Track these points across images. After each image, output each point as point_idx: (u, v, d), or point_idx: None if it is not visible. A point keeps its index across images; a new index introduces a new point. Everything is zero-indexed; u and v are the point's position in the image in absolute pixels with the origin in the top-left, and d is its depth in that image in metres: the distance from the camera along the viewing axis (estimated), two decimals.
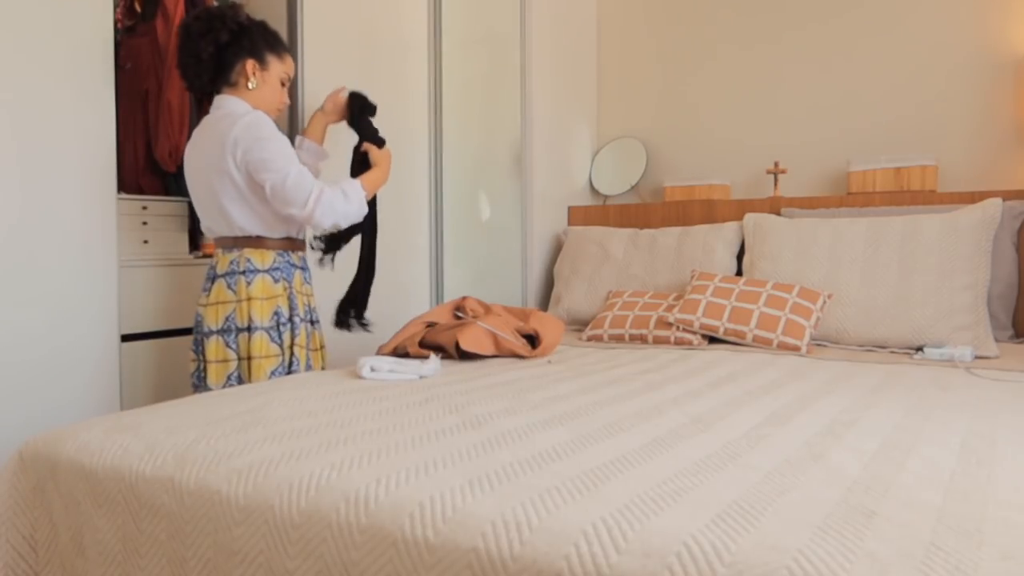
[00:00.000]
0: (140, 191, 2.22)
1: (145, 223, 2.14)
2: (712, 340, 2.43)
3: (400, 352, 2.06)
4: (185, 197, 2.25)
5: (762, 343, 2.28)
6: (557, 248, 3.28)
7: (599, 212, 3.29)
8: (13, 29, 1.74)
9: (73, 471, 1.21)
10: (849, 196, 2.77)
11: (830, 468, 1.05)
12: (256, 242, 1.93)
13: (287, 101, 2.05)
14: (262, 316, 1.90)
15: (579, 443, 1.18)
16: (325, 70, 2.44)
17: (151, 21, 2.23)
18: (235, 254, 1.93)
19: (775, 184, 3.01)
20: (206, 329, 1.90)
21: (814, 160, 3.11)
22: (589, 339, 2.54)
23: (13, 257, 1.75)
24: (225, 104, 1.92)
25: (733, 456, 1.11)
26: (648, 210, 3.17)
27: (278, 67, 1.99)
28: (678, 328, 2.39)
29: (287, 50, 2.04)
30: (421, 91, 2.89)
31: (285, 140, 1.88)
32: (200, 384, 1.94)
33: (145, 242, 2.14)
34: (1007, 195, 2.56)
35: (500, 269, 3.27)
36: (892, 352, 2.28)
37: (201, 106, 2.32)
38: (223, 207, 1.89)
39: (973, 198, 2.60)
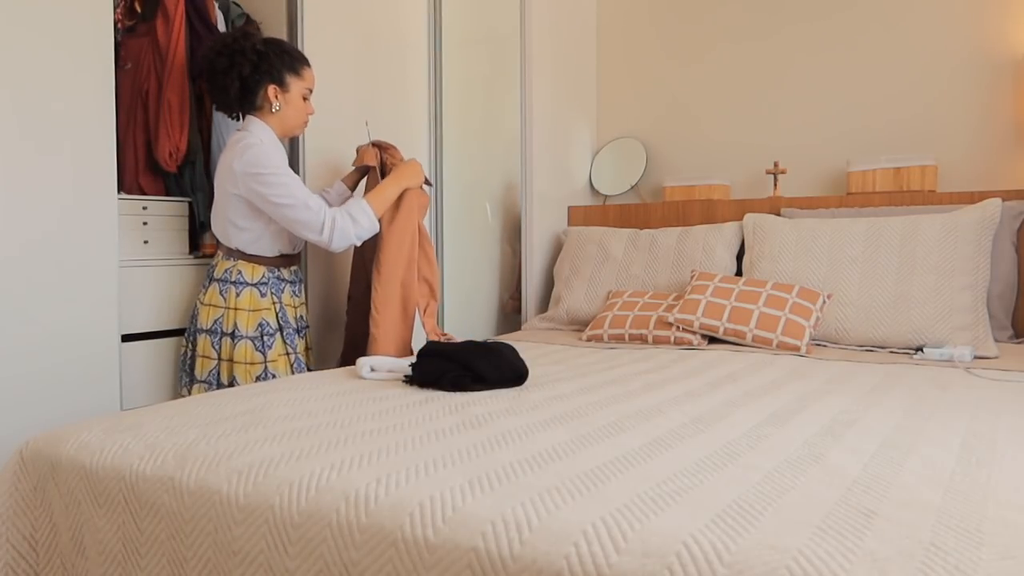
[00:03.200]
0: (140, 191, 2.22)
1: (145, 223, 2.14)
2: (712, 340, 2.43)
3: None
4: (185, 197, 2.25)
5: (762, 343, 2.28)
6: (557, 248, 3.28)
7: (599, 212, 3.29)
8: (13, 29, 1.74)
9: (73, 471, 1.21)
10: (849, 196, 2.77)
11: (830, 468, 1.05)
12: (249, 257, 2.08)
13: (312, 111, 2.19)
14: (247, 326, 2.05)
15: (579, 443, 1.18)
16: (325, 70, 2.44)
17: (151, 21, 2.23)
18: (230, 263, 2.07)
19: (775, 184, 3.01)
20: (199, 325, 2.06)
21: (814, 160, 3.11)
22: (589, 339, 2.55)
23: (13, 257, 1.75)
24: (250, 126, 2.08)
25: (733, 456, 1.11)
26: (648, 210, 3.17)
27: (299, 85, 2.12)
28: (678, 328, 2.39)
29: (306, 63, 2.15)
30: (421, 91, 2.89)
31: (288, 171, 2.02)
32: (184, 369, 2.11)
33: (145, 242, 2.14)
34: (1007, 195, 2.56)
35: (496, 271, 3.27)
36: (892, 352, 2.28)
37: (202, 106, 2.32)
38: (230, 220, 2.04)
39: (973, 198, 2.60)
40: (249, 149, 1.98)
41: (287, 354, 2.11)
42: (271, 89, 2.07)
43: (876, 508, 0.89)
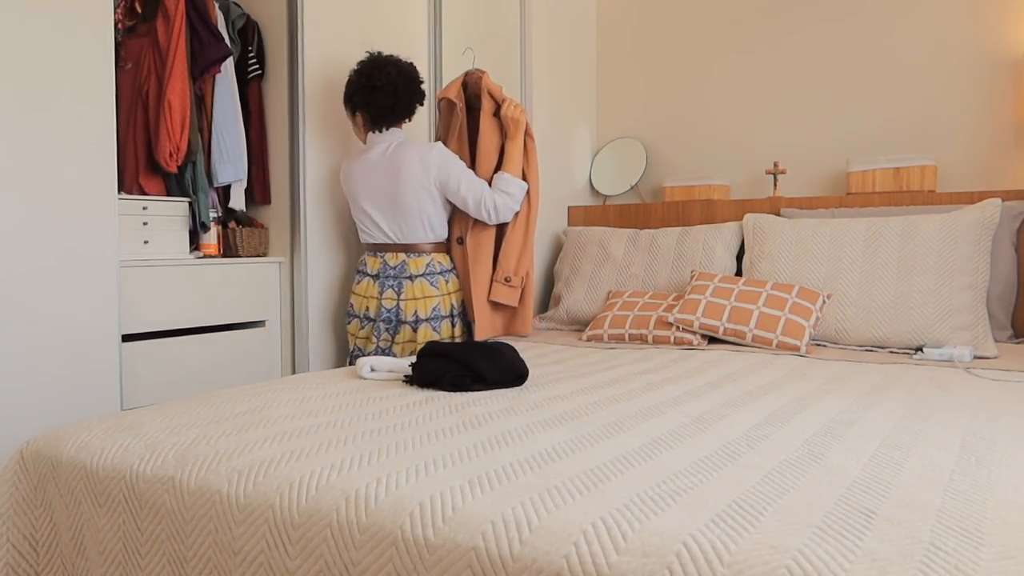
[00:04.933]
0: (140, 191, 2.22)
1: (145, 223, 2.14)
2: (712, 340, 2.43)
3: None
4: (185, 197, 2.25)
5: (762, 343, 2.28)
6: (557, 248, 3.28)
7: (599, 212, 3.29)
8: (13, 29, 1.74)
9: (74, 471, 1.21)
10: (848, 196, 2.77)
11: (830, 468, 1.05)
12: (439, 247, 2.42)
13: None
14: (455, 305, 2.44)
15: (579, 443, 1.18)
16: (325, 71, 2.44)
17: (151, 21, 2.23)
18: (428, 258, 2.38)
19: (775, 184, 3.01)
20: (411, 318, 2.33)
21: (814, 160, 3.11)
22: (589, 339, 2.55)
23: (13, 257, 1.75)
24: (400, 134, 2.39)
25: (733, 456, 1.11)
26: (648, 210, 3.17)
27: None
28: (678, 328, 2.39)
29: None
30: None
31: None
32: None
33: (145, 242, 2.14)
34: (1006, 195, 2.56)
35: None
36: (892, 352, 2.28)
37: (202, 106, 2.32)
38: (426, 215, 2.34)
39: (972, 198, 2.60)
40: (435, 146, 2.32)
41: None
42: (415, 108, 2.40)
43: (876, 508, 0.89)
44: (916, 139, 2.92)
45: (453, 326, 2.41)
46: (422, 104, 2.39)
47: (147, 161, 2.23)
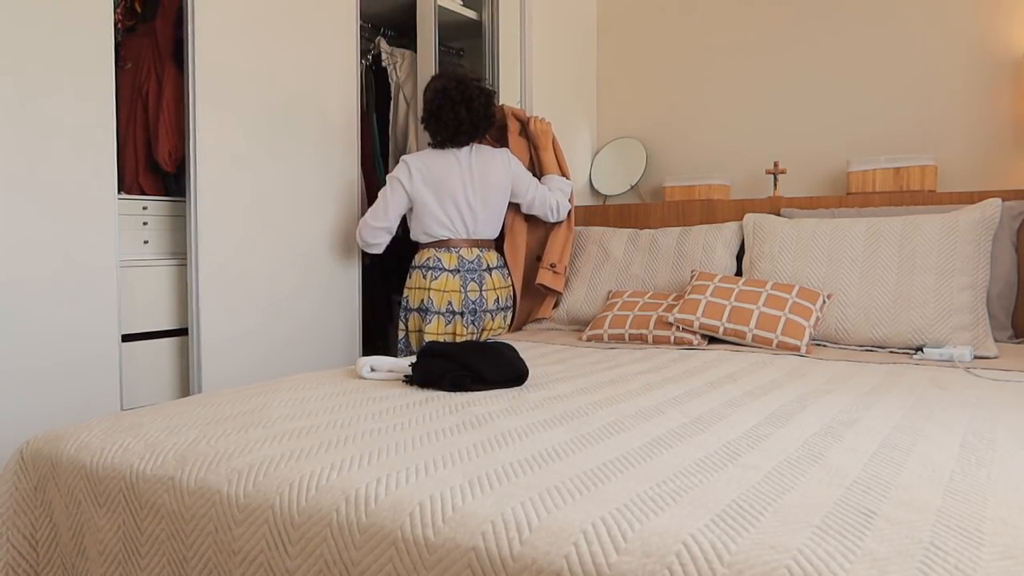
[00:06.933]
0: (140, 191, 2.22)
1: (145, 223, 2.14)
2: (712, 340, 2.43)
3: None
4: (185, 197, 2.25)
5: (762, 343, 2.28)
6: None
7: (599, 212, 3.29)
8: (13, 29, 1.74)
9: (74, 471, 1.21)
10: (848, 196, 2.77)
11: (830, 468, 1.05)
12: (495, 243, 2.69)
13: None
14: (511, 297, 2.71)
15: (579, 443, 1.18)
16: (324, 71, 2.44)
17: (151, 21, 2.23)
18: (495, 252, 2.64)
19: (775, 184, 3.01)
20: (492, 307, 2.58)
21: (814, 160, 3.11)
22: (589, 339, 2.55)
23: (13, 257, 1.75)
24: (483, 143, 2.71)
25: (733, 456, 1.11)
26: (648, 210, 3.17)
27: None
28: (678, 328, 2.39)
29: None
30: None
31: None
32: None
33: (145, 242, 2.14)
34: (1006, 195, 2.56)
35: None
36: (892, 352, 2.28)
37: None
38: (497, 217, 2.60)
39: (972, 198, 2.60)
40: (506, 151, 2.61)
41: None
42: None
43: (876, 508, 0.89)
44: (916, 139, 2.92)
45: (510, 315, 2.69)
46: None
47: (147, 161, 2.23)
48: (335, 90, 2.47)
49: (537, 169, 2.80)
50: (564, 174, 2.78)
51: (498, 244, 2.79)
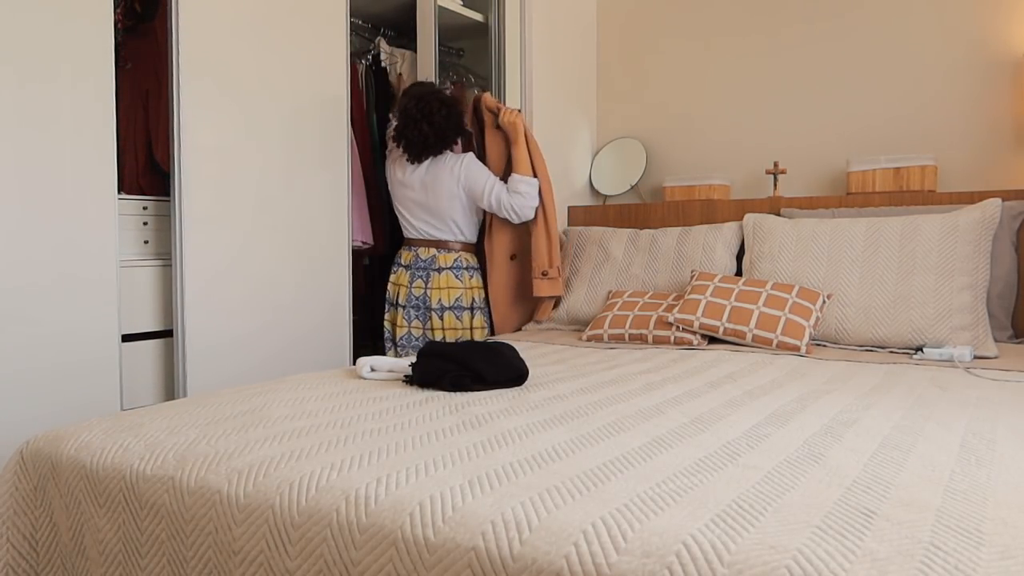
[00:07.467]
0: (140, 191, 2.21)
1: (145, 223, 2.14)
2: (712, 340, 2.43)
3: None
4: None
5: (762, 343, 2.28)
6: None
7: (599, 212, 3.29)
8: (13, 29, 1.74)
9: (74, 471, 1.21)
10: (848, 196, 2.77)
11: (830, 468, 1.05)
12: (468, 247, 2.69)
13: None
14: (477, 299, 2.68)
15: (579, 443, 1.18)
16: (322, 70, 2.44)
17: (151, 21, 2.23)
18: (456, 254, 2.64)
19: (775, 184, 3.01)
20: (436, 305, 2.60)
21: (814, 160, 3.11)
22: (589, 339, 2.55)
23: (13, 257, 1.75)
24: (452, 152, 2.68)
25: (733, 456, 1.11)
26: (648, 210, 3.17)
27: None
28: (678, 328, 2.39)
29: None
30: None
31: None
32: (404, 344, 2.64)
33: (145, 242, 2.14)
34: (1006, 195, 2.56)
35: None
36: (892, 352, 2.28)
37: None
38: (456, 221, 2.62)
39: (972, 198, 2.60)
40: (465, 157, 2.61)
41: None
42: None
43: (876, 508, 0.89)
44: (916, 139, 2.92)
45: (473, 316, 2.66)
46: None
47: (147, 161, 2.23)
48: (326, 89, 2.47)
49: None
50: (536, 170, 2.66)
51: (479, 247, 2.79)
